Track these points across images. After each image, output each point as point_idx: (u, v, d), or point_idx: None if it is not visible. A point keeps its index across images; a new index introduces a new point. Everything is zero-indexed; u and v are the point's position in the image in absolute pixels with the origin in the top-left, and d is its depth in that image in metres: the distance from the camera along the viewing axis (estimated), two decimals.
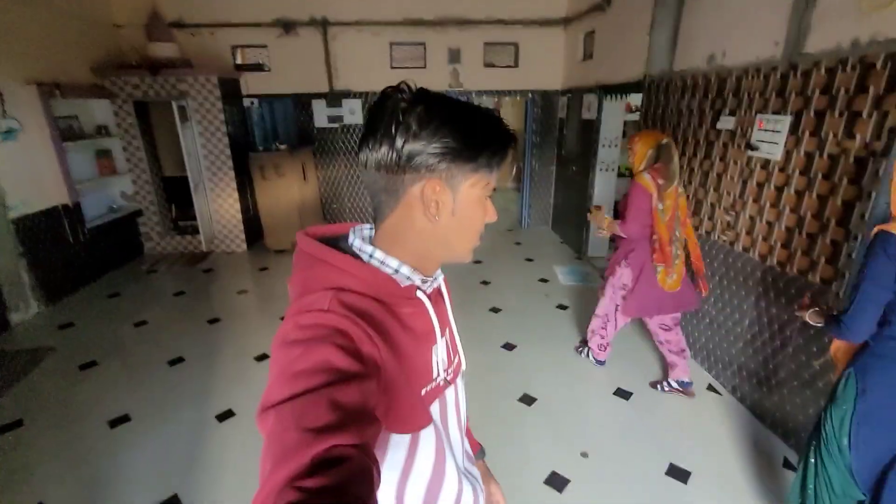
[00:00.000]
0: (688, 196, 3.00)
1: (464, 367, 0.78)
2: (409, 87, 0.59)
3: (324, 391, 0.46)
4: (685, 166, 3.04)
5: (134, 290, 4.26)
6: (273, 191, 5.01)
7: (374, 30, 5.20)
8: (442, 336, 0.70)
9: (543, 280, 4.42)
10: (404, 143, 0.57)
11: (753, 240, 2.43)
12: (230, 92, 5.03)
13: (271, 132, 5.51)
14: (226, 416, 2.54)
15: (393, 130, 0.57)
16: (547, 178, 5.98)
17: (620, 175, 4.92)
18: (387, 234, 0.64)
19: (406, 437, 0.64)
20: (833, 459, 1.42)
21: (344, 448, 0.43)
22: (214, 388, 2.78)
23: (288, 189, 5.01)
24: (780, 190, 2.25)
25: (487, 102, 8.57)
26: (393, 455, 0.64)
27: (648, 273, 2.43)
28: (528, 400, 2.67)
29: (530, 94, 5.61)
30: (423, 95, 0.59)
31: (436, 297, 0.71)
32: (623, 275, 2.55)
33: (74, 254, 4.17)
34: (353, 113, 5.48)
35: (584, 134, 4.81)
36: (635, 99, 4.96)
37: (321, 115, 5.46)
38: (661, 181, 2.30)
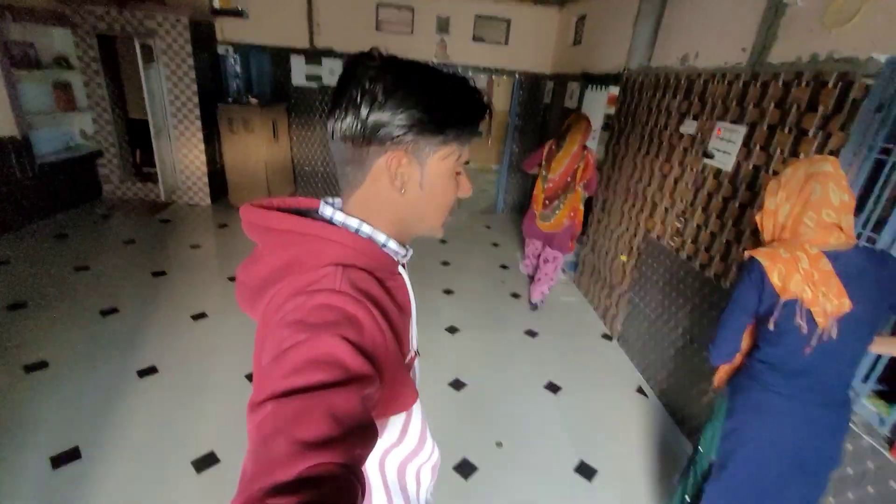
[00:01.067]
0: (645, 197, 2.96)
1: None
2: (379, 53, 0.57)
3: (324, 395, 0.45)
4: (647, 166, 2.98)
5: (83, 233, 4.13)
6: (240, 146, 4.84)
7: None
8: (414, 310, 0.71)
9: (504, 266, 4.39)
10: (369, 113, 0.55)
11: (697, 249, 2.41)
12: (203, 36, 4.78)
13: (244, 85, 5.29)
14: (147, 372, 2.49)
15: (358, 100, 0.55)
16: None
17: (598, 169, 4.84)
18: (357, 206, 0.63)
19: (402, 416, 0.66)
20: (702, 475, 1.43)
21: (331, 466, 0.41)
22: (143, 343, 2.72)
23: (256, 146, 4.84)
24: (726, 201, 2.22)
25: (482, 82, 8.36)
26: (388, 436, 0.66)
27: (531, 209, 3.38)
28: (457, 385, 2.67)
29: (517, 76, 5.44)
30: (392, 63, 0.57)
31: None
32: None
33: (20, 189, 4.01)
34: (332, 73, 5.27)
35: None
36: (615, 91, 4.84)
37: (299, 72, 5.24)
38: (553, 148, 3.18)
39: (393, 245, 0.64)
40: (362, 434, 0.46)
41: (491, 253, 4.72)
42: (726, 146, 2.23)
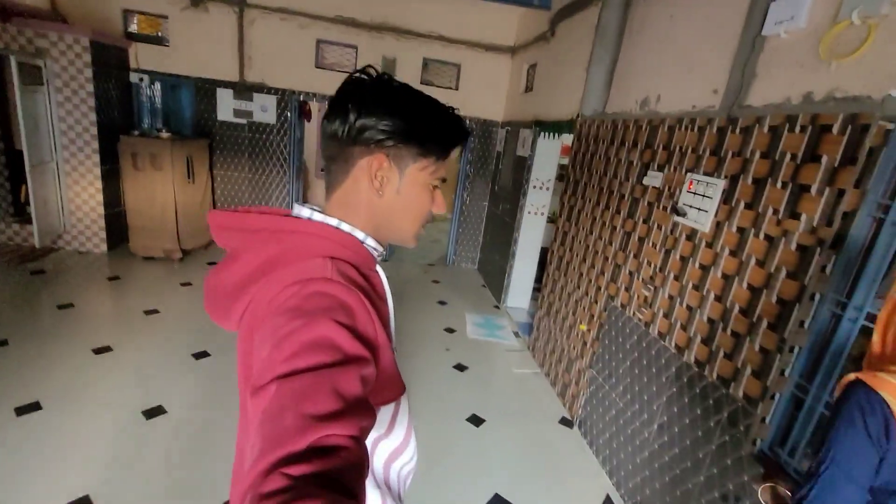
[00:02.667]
0: (606, 258, 2.54)
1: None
2: (375, 70, 0.64)
3: (326, 374, 0.47)
4: (608, 222, 2.59)
5: None
6: (145, 185, 4.14)
7: (300, 21, 4.58)
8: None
9: (450, 330, 3.82)
10: (357, 116, 0.61)
11: (671, 325, 1.96)
12: (112, 61, 4.19)
13: (163, 117, 4.67)
14: None
15: (350, 105, 0.62)
16: (478, 213, 5.50)
17: (551, 221, 4.50)
18: (338, 204, 0.67)
19: (391, 407, 0.68)
20: None
21: (341, 438, 0.43)
22: None
23: (164, 185, 4.15)
24: (705, 269, 1.80)
25: None
26: (378, 428, 0.67)
27: None
28: None
29: (468, 122, 5.16)
30: (385, 78, 0.63)
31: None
32: None
33: None
34: (265, 110, 4.76)
35: (517, 172, 4.37)
36: (569, 140, 4.62)
37: (226, 106, 4.70)
38: None
39: (371, 242, 0.68)
40: (365, 411, 0.48)
41: (437, 313, 4.16)
42: (701, 202, 1.84)
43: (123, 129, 4.33)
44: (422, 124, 0.63)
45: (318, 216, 0.66)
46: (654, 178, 2.19)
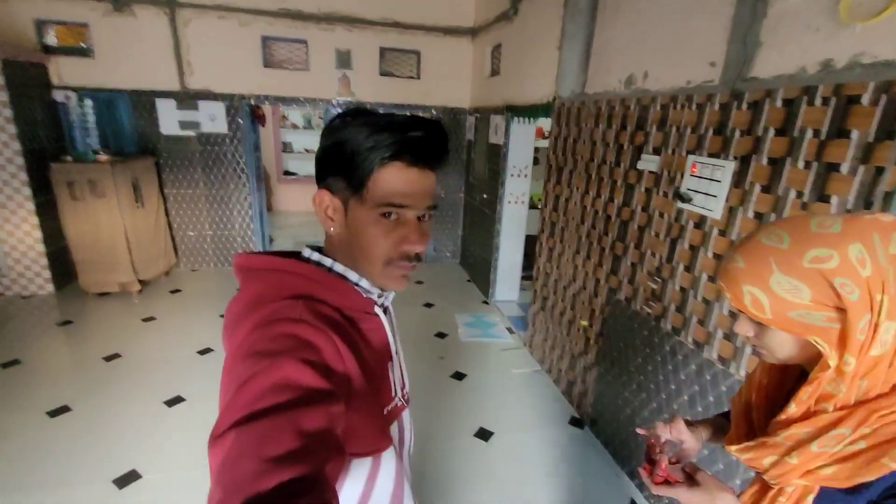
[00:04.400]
0: (603, 249, 2.40)
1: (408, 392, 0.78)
2: (348, 109, 0.63)
3: (289, 413, 0.45)
4: (600, 211, 2.44)
5: None
6: (88, 215, 3.73)
7: (241, 18, 4.19)
8: (396, 354, 0.71)
9: (441, 335, 3.65)
10: (317, 155, 0.64)
11: (686, 320, 1.83)
12: (29, 80, 3.71)
13: (100, 138, 4.22)
14: None
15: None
16: (455, 206, 5.29)
17: (533, 207, 4.35)
18: (326, 246, 0.68)
19: (367, 462, 0.63)
20: None
21: (303, 482, 0.41)
22: None
23: (110, 213, 3.75)
24: (718, 259, 1.67)
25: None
26: (352, 483, 0.62)
27: None
28: None
29: (433, 112, 4.91)
30: (342, 112, 0.62)
31: (388, 315, 0.72)
32: None
33: None
34: (213, 119, 4.37)
35: (493, 160, 4.18)
36: (546, 124, 4.46)
37: (170, 119, 4.29)
38: None
39: (365, 284, 0.66)
40: (331, 448, 0.46)
41: (424, 318, 3.97)
42: (708, 186, 1.70)
43: (54, 154, 3.88)
44: (340, 148, 0.60)
45: (315, 256, 0.67)
46: (649, 162, 2.04)
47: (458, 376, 3.07)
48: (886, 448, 0.58)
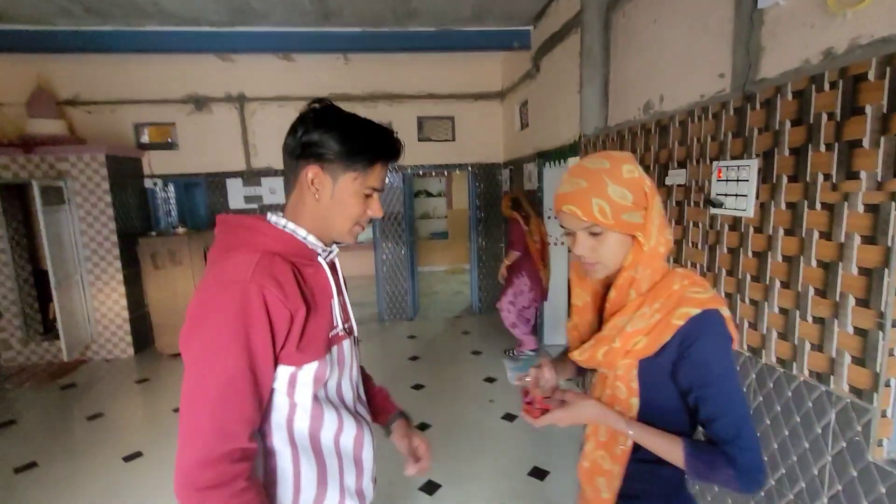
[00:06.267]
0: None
1: (356, 333, 0.98)
2: (326, 101, 0.84)
3: (237, 401, 0.73)
4: None
5: None
6: (167, 282, 4.18)
7: (297, 105, 4.79)
8: (338, 296, 0.89)
9: (490, 380, 3.59)
10: (302, 135, 0.80)
11: (736, 326, 1.75)
12: (126, 172, 4.40)
13: (178, 215, 4.82)
14: None
15: (298, 126, 0.81)
16: (497, 256, 5.40)
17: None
18: (290, 209, 0.86)
19: (314, 365, 0.81)
20: None
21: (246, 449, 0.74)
22: None
23: (185, 279, 4.19)
24: (760, 256, 1.64)
25: (433, 181, 8.30)
26: (303, 388, 0.82)
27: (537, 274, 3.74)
28: None
29: (469, 168, 5.21)
30: (328, 107, 0.83)
31: (331, 266, 0.90)
32: (521, 283, 3.77)
33: None
34: (273, 192, 4.90)
35: (530, 206, 4.31)
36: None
37: (237, 195, 4.85)
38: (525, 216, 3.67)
39: (312, 239, 0.85)
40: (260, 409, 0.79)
41: (472, 364, 3.93)
42: (736, 187, 1.72)
43: (141, 232, 4.46)
44: (349, 141, 0.79)
45: (274, 217, 0.85)
46: (676, 177, 2.09)
47: (509, 417, 2.97)
48: (671, 312, 0.80)
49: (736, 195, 1.72)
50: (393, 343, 4.54)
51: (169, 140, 4.77)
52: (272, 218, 0.85)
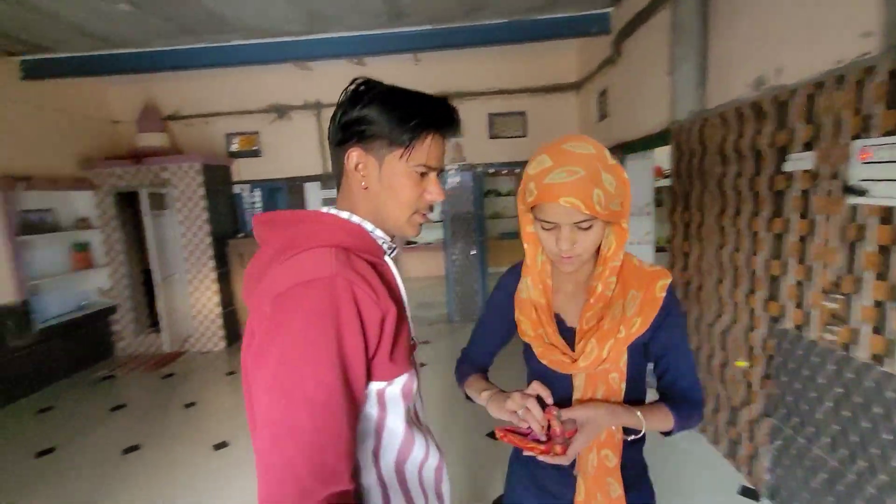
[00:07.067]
0: (753, 272, 2.06)
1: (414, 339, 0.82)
2: (361, 79, 0.69)
3: (335, 428, 0.57)
4: (743, 228, 2.13)
5: (69, 404, 3.60)
6: None
7: None
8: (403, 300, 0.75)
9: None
10: (341, 116, 0.68)
11: (889, 343, 1.42)
12: (219, 178, 4.77)
13: None
14: None
15: (338, 110, 0.69)
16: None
17: (660, 249, 3.99)
18: (343, 201, 0.73)
19: (403, 378, 0.68)
20: None
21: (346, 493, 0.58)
22: None
23: None
24: None
25: (502, 180, 8.10)
26: (392, 409, 0.69)
27: None
28: None
29: None
30: (366, 82, 0.69)
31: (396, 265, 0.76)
32: None
33: (11, 360, 3.64)
34: None
35: None
36: (661, 158, 4.19)
37: (315, 197, 5.08)
38: None
39: (379, 233, 0.73)
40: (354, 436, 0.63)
41: None
42: (887, 170, 1.39)
43: (231, 234, 4.81)
44: (389, 111, 0.66)
45: (333, 210, 0.72)
46: (799, 162, 1.76)
47: None
48: (650, 287, 0.81)
49: (889, 180, 1.39)
50: (463, 344, 4.45)
51: (254, 148, 5.09)
52: (331, 210, 0.71)
